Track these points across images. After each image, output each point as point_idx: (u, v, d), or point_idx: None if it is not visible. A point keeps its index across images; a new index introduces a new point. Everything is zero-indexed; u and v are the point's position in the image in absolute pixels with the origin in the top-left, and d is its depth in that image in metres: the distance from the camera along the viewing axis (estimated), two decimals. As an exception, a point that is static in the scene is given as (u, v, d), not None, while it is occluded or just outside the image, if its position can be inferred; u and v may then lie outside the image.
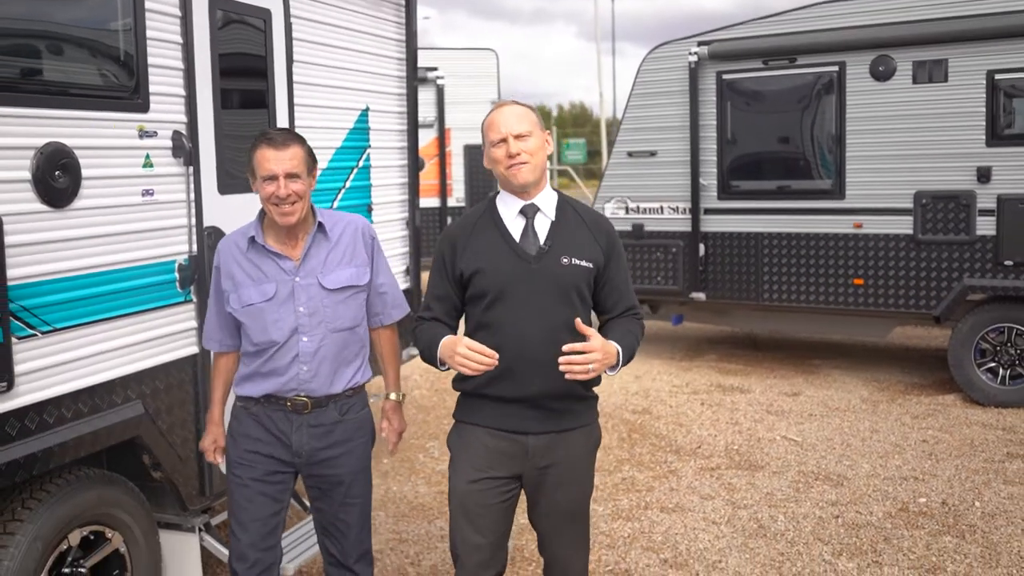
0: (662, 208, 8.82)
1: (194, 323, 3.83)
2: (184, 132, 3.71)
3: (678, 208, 8.77)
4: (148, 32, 3.52)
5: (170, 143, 3.65)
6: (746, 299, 8.58)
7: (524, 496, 3.15)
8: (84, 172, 3.23)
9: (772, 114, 8.37)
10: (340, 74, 4.87)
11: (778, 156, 8.43)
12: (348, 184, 5.01)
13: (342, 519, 3.32)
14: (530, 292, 2.93)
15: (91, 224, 3.29)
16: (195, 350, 3.85)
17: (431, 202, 12.68)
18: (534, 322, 2.92)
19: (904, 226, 7.72)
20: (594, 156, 42.90)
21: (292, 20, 4.41)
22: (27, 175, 3.03)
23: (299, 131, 4.45)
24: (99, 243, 3.34)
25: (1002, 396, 7.37)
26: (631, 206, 9.01)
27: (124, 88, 3.44)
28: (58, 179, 3.13)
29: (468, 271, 2.98)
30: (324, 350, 3.15)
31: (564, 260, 2.96)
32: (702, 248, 8.66)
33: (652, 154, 8.84)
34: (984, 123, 7.33)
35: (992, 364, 7.49)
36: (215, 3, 3.90)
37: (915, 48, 7.54)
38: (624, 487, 5.77)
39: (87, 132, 3.26)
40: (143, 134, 3.52)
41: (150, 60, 3.53)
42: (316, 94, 4.66)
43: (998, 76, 7.26)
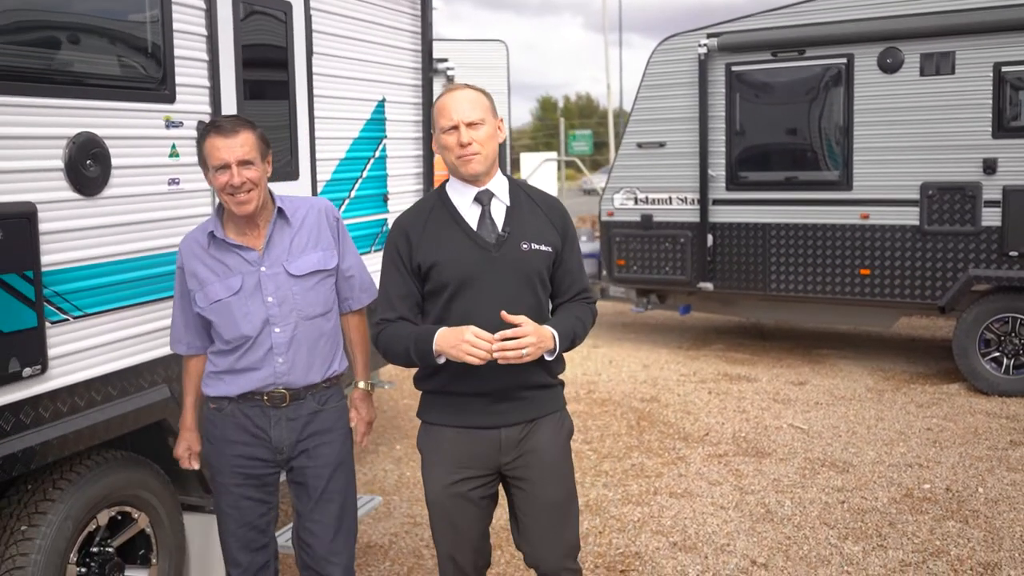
0: (671, 199, 8.90)
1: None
2: (208, 122, 3.80)
3: (687, 199, 8.84)
4: (174, 24, 3.61)
5: (195, 133, 3.74)
6: (754, 289, 8.66)
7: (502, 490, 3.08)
8: (114, 161, 3.33)
9: (780, 106, 8.44)
10: (358, 65, 4.96)
11: (786, 147, 8.50)
12: (365, 174, 5.10)
13: (316, 519, 3.14)
14: (493, 281, 2.85)
15: (120, 212, 3.39)
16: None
17: None
18: (498, 311, 2.78)
19: (911, 217, 7.79)
20: (600, 147, 42.93)
21: (312, 12, 4.49)
22: (60, 164, 3.12)
23: (318, 122, 4.57)
24: (127, 231, 3.43)
25: (1005, 385, 7.46)
26: (640, 197, 9.09)
27: (152, 79, 3.52)
28: (89, 168, 3.22)
29: (426, 264, 2.87)
30: (298, 340, 3.05)
31: (524, 246, 2.88)
32: (710, 238, 8.74)
33: (661, 145, 8.92)
34: (990, 115, 7.39)
35: (996, 354, 7.57)
36: (238, -4, 3.98)
37: (923, 40, 7.60)
38: (633, 473, 5.87)
39: (116, 122, 3.35)
40: (170, 124, 3.61)
41: (176, 52, 3.62)
42: (335, 85, 4.75)
43: (1005, 69, 7.32)
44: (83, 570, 3.40)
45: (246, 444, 3.10)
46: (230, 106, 3.93)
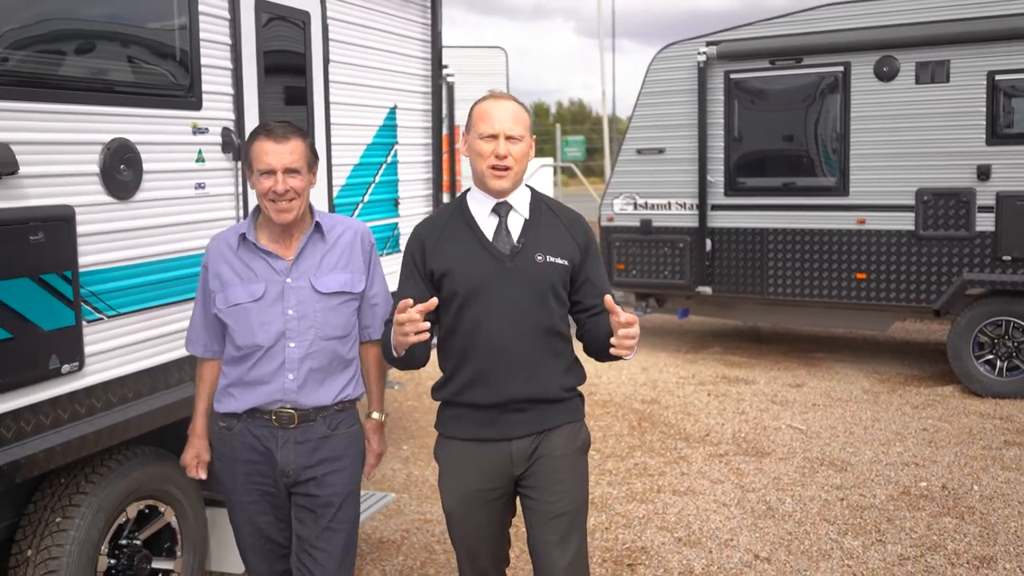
0: (670, 204, 9.04)
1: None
2: (233, 128, 3.93)
3: (685, 204, 8.99)
4: (201, 33, 3.73)
5: (220, 139, 3.86)
6: (751, 293, 8.81)
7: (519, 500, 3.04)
8: (145, 166, 3.44)
9: (778, 113, 8.60)
10: (371, 73, 5.09)
11: (784, 154, 8.66)
12: (377, 179, 5.22)
13: (322, 548, 3.03)
14: (504, 292, 2.81)
15: (151, 215, 3.51)
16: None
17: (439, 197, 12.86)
18: (509, 323, 2.78)
19: (906, 222, 7.96)
20: (593, 153, 43.05)
21: (329, 21, 4.62)
22: (95, 169, 3.24)
23: (334, 128, 4.70)
24: (157, 233, 3.55)
25: (999, 387, 7.61)
26: (639, 202, 9.23)
27: (180, 87, 3.65)
28: (122, 172, 3.34)
29: (439, 271, 2.84)
30: (312, 359, 2.96)
31: (539, 258, 2.84)
32: (709, 243, 8.88)
33: (661, 151, 9.06)
34: (984, 122, 7.56)
35: (990, 356, 7.73)
36: (260, 6, 4.11)
37: (918, 49, 7.77)
38: (637, 472, 6.00)
39: (148, 128, 3.47)
40: (196, 131, 3.73)
41: (203, 60, 3.74)
42: (350, 92, 4.88)
43: (998, 77, 7.49)
44: (113, 561, 3.52)
45: (257, 462, 3.02)
46: (252, 113, 4.06)
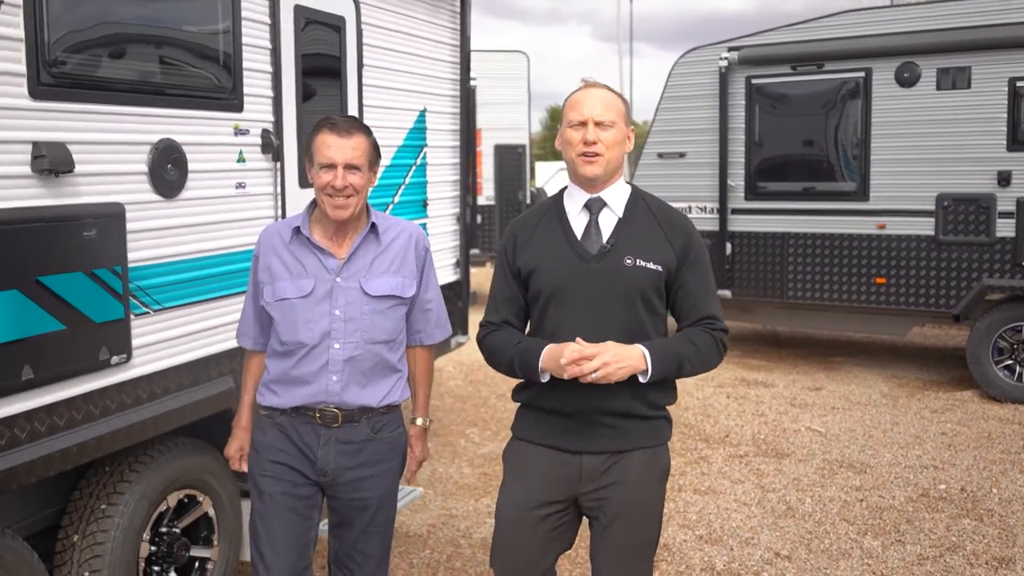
0: (690, 208, 9.12)
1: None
2: (272, 130, 4.04)
3: (706, 208, 9.07)
4: (243, 38, 3.85)
5: (260, 140, 3.98)
6: (771, 297, 8.88)
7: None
8: (190, 166, 3.56)
9: (799, 118, 8.68)
10: (403, 77, 5.20)
11: (804, 159, 8.74)
12: (407, 180, 5.33)
13: (360, 549, 3.03)
14: (587, 294, 2.69)
15: (195, 213, 3.62)
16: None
17: None
18: (590, 327, 2.64)
19: (926, 227, 8.01)
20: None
21: (363, 27, 4.73)
22: (144, 168, 3.36)
23: (368, 130, 4.79)
24: (201, 231, 3.66)
25: (1018, 393, 7.65)
26: (660, 205, 9.29)
27: (223, 89, 3.76)
28: (169, 172, 3.46)
29: (526, 269, 2.76)
30: (356, 362, 2.90)
31: (628, 261, 2.69)
32: (729, 247, 8.96)
33: (682, 155, 9.15)
34: (1005, 129, 7.62)
35: (1009, 362, 7.77)
36: (299, 11, 4.22)
37: (939, 56, 7.83)
38: (658, 471, 6.07)
39: (193, 129, 3.59)
40: (238, 132, 3.85)
41: (244, 64, 3.86)
42: (382, 96, 4.99)
43: (1020, 83, 7.55)
44: (154, 548, 3.64)
45: (291, 455, 2.96)
46: (290, 115, 4.17)
